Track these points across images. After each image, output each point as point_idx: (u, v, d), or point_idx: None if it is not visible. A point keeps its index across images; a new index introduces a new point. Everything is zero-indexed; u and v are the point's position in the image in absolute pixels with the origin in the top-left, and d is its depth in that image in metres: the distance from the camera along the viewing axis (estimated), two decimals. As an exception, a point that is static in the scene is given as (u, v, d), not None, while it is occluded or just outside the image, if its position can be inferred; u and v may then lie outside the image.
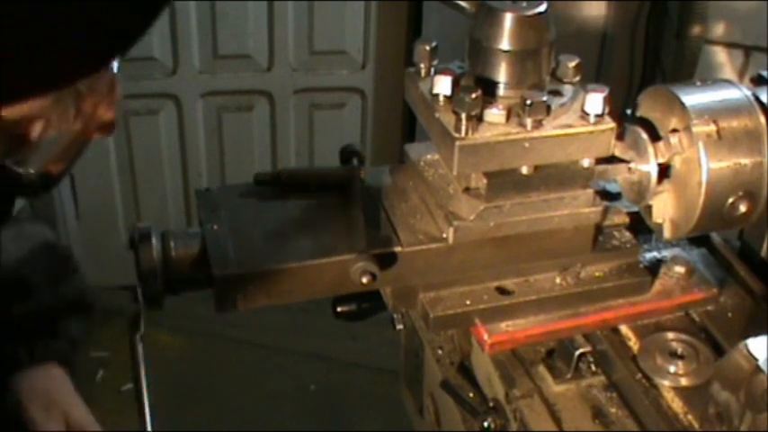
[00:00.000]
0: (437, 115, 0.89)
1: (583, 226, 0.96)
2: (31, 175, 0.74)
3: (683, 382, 0.93)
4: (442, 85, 0.89)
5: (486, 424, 0.99)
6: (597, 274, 0.99)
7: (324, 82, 3.48)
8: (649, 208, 0.99)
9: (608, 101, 0.89)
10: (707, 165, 0.91)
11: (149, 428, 1.19)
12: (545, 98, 0.88)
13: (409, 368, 1.25)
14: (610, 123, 0.90)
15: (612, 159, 0.95)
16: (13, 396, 1.35)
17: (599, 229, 0.98)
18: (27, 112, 0.68)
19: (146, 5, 0.68)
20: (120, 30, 0.66)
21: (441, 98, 0.89)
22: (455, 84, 0.89)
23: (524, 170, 0.91)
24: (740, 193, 0.92)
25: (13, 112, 0.65)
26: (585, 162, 0.93)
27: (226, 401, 3.20)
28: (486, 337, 0.96)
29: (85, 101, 0.75)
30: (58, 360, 1.43)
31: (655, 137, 0.94)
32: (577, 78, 0.94)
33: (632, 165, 0.96)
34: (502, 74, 0.89)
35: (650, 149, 0.94)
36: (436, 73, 0.90)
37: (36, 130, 0.71)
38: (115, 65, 0.78)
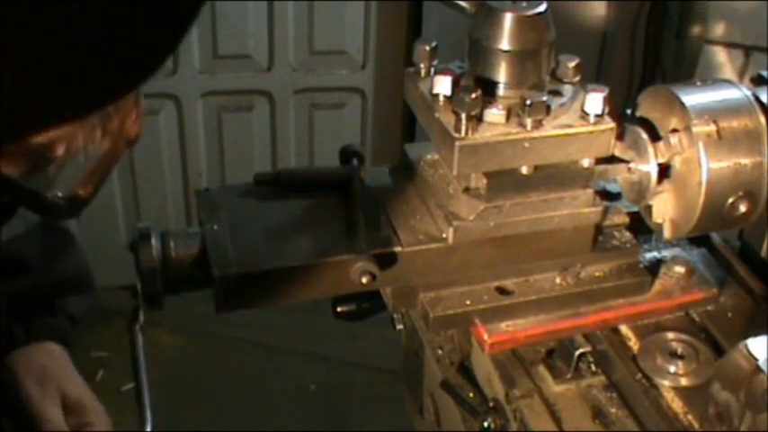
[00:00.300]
0: (437, 115, 0.89)
1: (583, 226, 0.96)
2: (59, 198, 0.73)
3: (683, 382, 0.93)
4: (442, 85, 0.89)
5: (486, 424, 0.99)
6: (597, 274, 0.99)
7: (324, 82, 3.49)
8: (649, 208, 0.99)
9: (608, 101, 0.89)
10: (707, 165, 0.91)
11: (149, 423, 1.19)
12: (545, 98, 0.88)
13: (409, 368, 1.25)
14: (610, 123, 0.90)
15: (612, 159, 0.95)
16: (9, 373, 1.34)
17: (599, 229, 0.98)
18: (52, 136, 0.66)
19: (175, 22, 0.65)
20: (150, 49, 0.63)
21: (440, 98, 0.89)
22: (455, 84, 0.89)
23: (524, 170, 0.91)
24: (740, 193, 0.92)
25: (38, 136, 0.63)
26: (585, 162, 0.93)
27: (226, 401, 3.21)
28: (486, 337, 0.96)
29: (112, 119, 0.72)
30: (56, 337, 1.42)
31: (655, 137, 0.94)
32: (577, 78, 0.94)
33: (632, 165, 0.96)
34: (502, 74, 0.89)
35: (650, 149, 0.94)
36: (436, 73, 0.90)
37: (60, 151, 0.69)
38: None
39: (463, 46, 0.92)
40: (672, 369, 0.94)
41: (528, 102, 0.86)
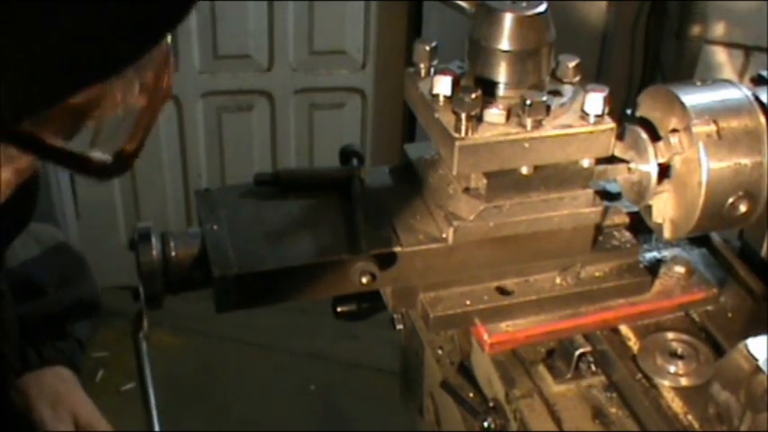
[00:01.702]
0: (437, 115, 0.89)
1: (583, 226, 0.96)
2: (106, 157, 0.72)
3: (683, 382, 0.93)
4: (442, 85, 0.89)
5: (486, 424, 0.99)
6: (597, 274, 0.99)
7: (324, 82, 3.48)
8: (649, 208, 0.99)
9: (608, 101, 0.89)
10: (707, 165, 0.91)
11: (156, 428, 1.18)
12: (545, 98, 0.88)
13: (409, 368, 1.25)
14: (610, 123, 0.90)
15: (612, 159, 0.95)
16: (20, 397, 1.35)
17: (599, 229, 0.98)
18: (92, 94, 0.66)
19: None
20: None
21: (440, 98, 0.89)
22: (455, 84, 0.89)
23: (524, 170, 0.91)
24: (740, 193, 0.92)
25: (78, 96, 0.62)
26: (585, 162, 0.93)
27: (226, 401, 3.21)
28: (486, 337, 0.96)
29: (147, 72, 0.72)
30: (66, 362, 1.43)
31: (655, 137, 0.94)
32: (577, 78, 0.94)
33: (632, 165, 0.96)
34: (502, 74, 0.89)
35: (650, 149, 0.94)
36: (436, 73, 0.90)
37: (100, 109, 0.68)
38: None
39: (463, 46, 0.92)
40: (672, 369, 0.94)
41: (528, 102, 0.86)
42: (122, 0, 0.58)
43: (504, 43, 0.88)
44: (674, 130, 0.93)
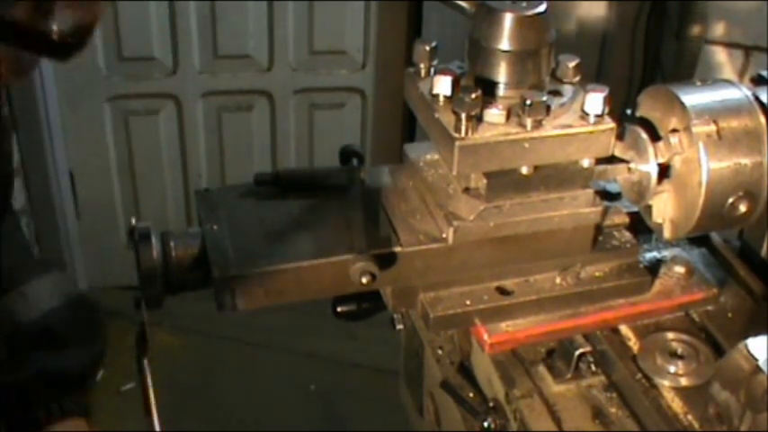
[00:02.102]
0: (437, 115, 0.89)
1: (583, 226, 0.96)
2: (63, 31, 0.72)
3: (683, 382, 0.93)
4: (442, 85, 0.89)
5: (486, 424, 0.99)
6: (597, 274, 0.99)
7: (324, 82, 3.48)
8: (649, 208, 0.99)
9: (608, 101, 0.89)
10: (707, 165, 0.91)
11: (157, 428, 1.19)
12: (545, 98, 0.88)
13: (409, 368, 1.25)
14: (610, 123, 0.90)
15: (612, 159, 0.95)
16: None
17: (599, 229, 0.98)
18: None
19: None
20: None
21: (440, 98, 0.89)
22: (455, 84, 0.89)
23: (524, 170, 0.91)
24: (740, 193, 0.92)
25: None
26: (585, 162, 0.93)
27: (225, 401, 3.20)
28: (486, 337, 0.96)
29: None
30: (81, 412, 1.45)
31: (655, 137, 0.94)
32: (577, 78, 0.94)
33: (632, 165, 0.96)
34: (502, 74, 0.89)
35: (650, 149, 0.94)
36: (436, 73, 0.90)
37: None
38: None
39: (463, 46, 0.92)
40: (672, 369, 0.94)
41: (528, 102, 0.86)
42: None
43: (504, 43, 0.88)
44: (674, 130, 0.93)
